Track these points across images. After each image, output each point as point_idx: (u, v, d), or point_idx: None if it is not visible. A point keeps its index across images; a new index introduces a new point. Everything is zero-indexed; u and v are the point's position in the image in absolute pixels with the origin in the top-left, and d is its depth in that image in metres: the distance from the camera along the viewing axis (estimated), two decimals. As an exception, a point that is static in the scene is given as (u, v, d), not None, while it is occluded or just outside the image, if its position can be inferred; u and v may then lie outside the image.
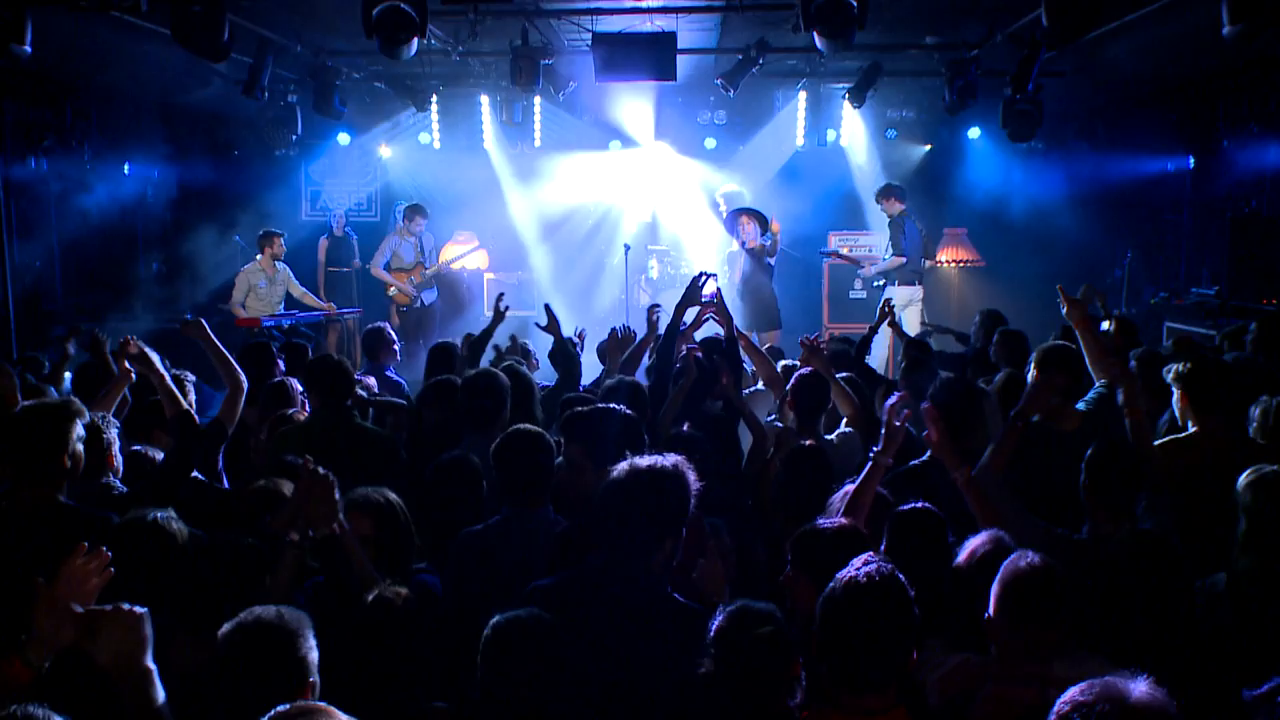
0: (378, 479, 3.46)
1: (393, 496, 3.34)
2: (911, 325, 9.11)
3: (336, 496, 2.96)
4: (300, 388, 5.11)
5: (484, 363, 5.81)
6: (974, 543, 3.07)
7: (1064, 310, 4.58)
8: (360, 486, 3.33)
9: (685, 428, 4.43)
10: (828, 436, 4.81)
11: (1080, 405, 4.35)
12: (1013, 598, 2.66)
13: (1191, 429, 4.13)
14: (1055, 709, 1.93)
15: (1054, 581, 2.65)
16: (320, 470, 2.95)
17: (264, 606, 2.38)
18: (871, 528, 3.25)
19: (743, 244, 9.76)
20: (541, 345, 6.49)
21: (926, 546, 3.11)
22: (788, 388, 4.81)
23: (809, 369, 4.85)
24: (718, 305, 5.59)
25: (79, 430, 3.34)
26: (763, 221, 9.77)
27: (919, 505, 3.28)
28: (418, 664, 2.69)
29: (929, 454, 4.16)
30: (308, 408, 4.94)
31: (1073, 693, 1.92)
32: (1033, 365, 4.47)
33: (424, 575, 3.35)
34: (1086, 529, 3.46)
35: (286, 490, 3.40)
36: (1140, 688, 1.91)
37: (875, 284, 10.48)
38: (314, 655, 2.34)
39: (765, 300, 9.68)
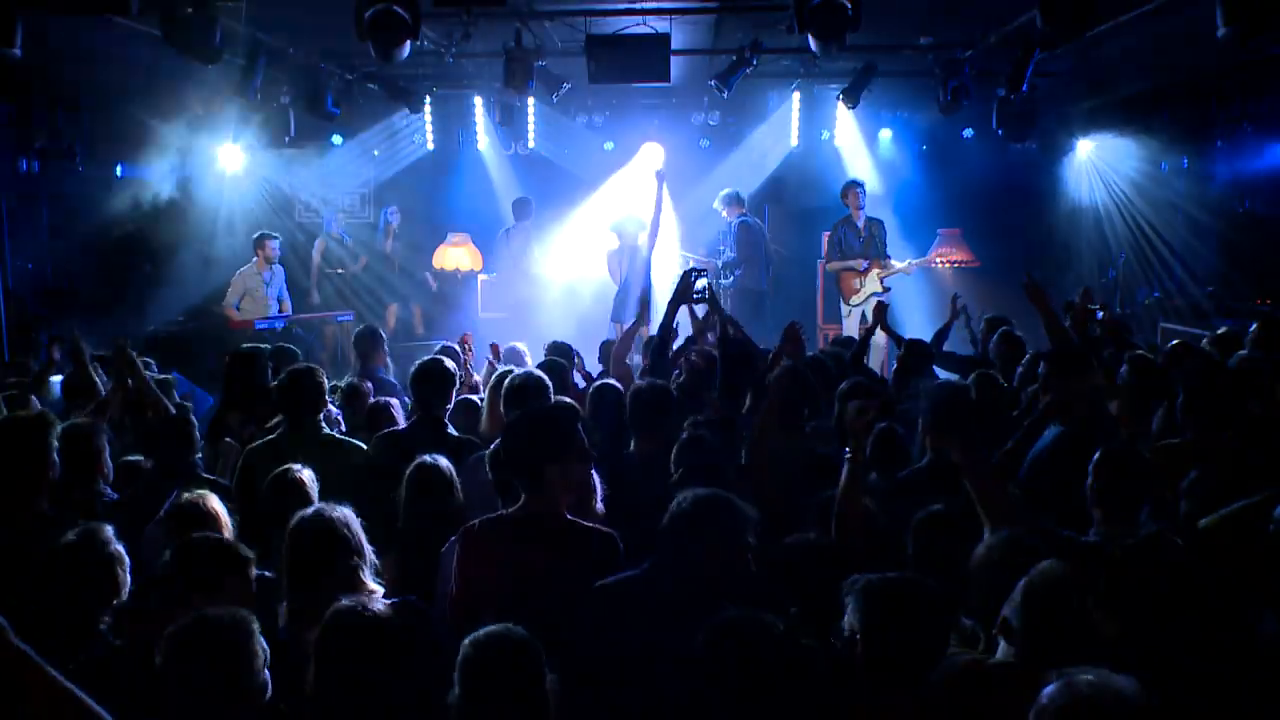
0: (349, 490, 3.42)
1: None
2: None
3: None
4: None
5: None
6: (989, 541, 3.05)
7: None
8: (331, 499, 3.28)
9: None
10: None
11: None
12: (1037, 607, 2.62)
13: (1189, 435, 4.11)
14: (1034, 708, 1.94)
15: (1077, 591, 2.64)
16: None
17: (212, 609, 2.39)
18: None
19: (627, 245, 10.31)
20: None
21: (956, 547, 3.07)
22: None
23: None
24: (710, 300, 5.60)
25: (55, 441, 3.32)
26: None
27: (936, 509, 3.27)
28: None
29: (926, 460, 4.17)
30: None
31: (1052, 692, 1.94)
32: (1046, 370, 4.39)
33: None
34: (1093, 532, 3.42)
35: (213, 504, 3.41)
36: (1125, 686, 1.91)
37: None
38: (263, 655, 2.37)
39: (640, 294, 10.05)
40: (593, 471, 3.70)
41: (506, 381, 4.63)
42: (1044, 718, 1.95)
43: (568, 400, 4.77)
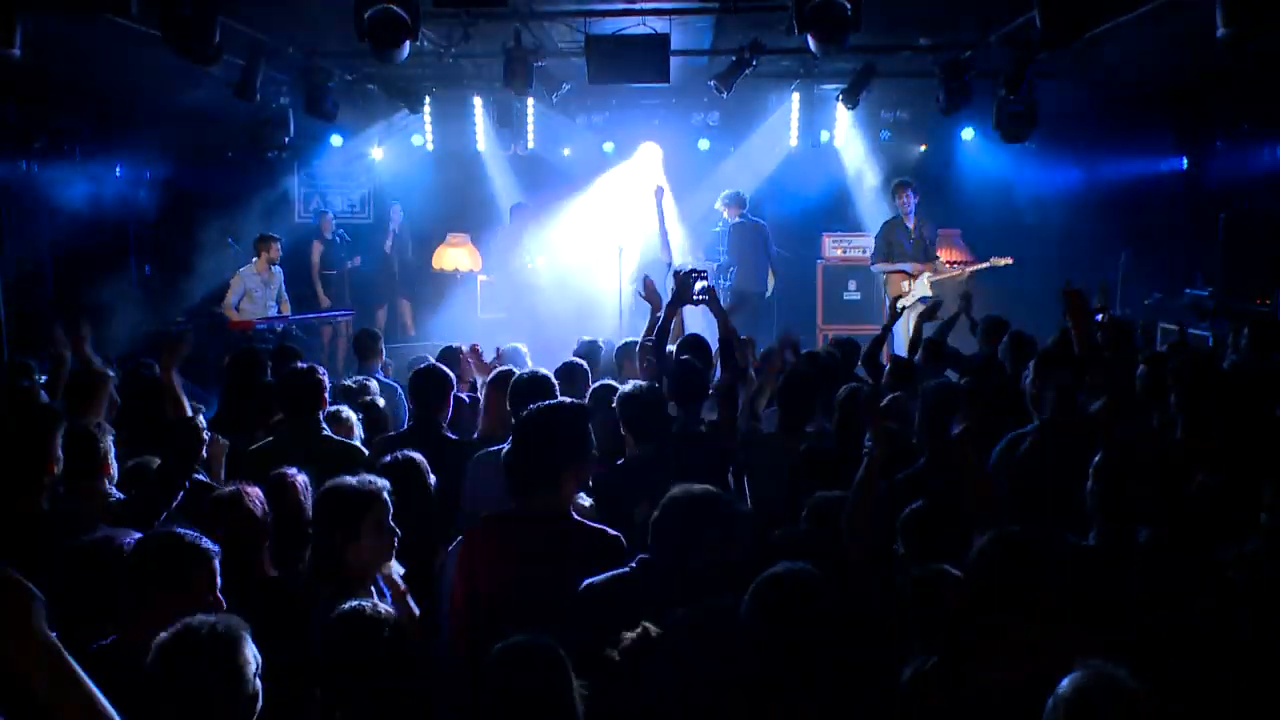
0: None
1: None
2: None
3: None
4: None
5: None
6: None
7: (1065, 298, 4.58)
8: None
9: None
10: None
11: None
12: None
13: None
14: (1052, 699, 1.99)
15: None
16: None
17: (201, 616, 2.32)
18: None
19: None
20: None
21: (949, 541, 3.06)
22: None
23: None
24: (710, 301, 5.60)
25: (60, 438, 3.31)
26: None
27: (923, 504, 3.27)
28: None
29: (923, 460, 4.17)
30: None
31: (1065, 689, 1.99)
32: (1034, 370, 4.42)
33: None
34: (1094, 536, 3.42)
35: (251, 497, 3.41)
36: (1131, 682, 1.93)
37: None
38: (254, 664, 2.31)
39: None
40: None
41: (512, 382, 4.56)
42: (1059, 710, 1.98)
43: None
